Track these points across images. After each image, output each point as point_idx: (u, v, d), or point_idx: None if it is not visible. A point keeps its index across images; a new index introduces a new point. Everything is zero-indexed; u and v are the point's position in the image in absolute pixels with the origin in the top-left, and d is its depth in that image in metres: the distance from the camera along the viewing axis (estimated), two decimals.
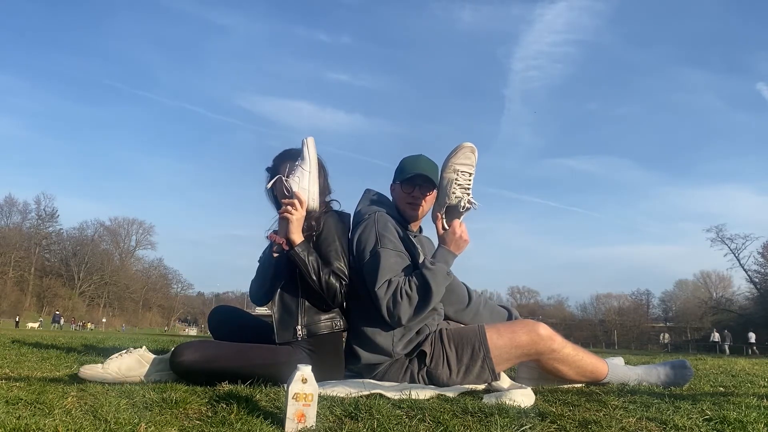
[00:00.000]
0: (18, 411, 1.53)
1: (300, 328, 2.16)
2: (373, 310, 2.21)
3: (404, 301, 2.13)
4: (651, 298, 68.14)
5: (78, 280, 67.11)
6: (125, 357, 2.13)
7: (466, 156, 2.30)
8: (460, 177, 2.28)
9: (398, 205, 2.47)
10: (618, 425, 1.54)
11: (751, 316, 47.47)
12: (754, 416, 1.63)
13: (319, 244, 2.26)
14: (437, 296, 2.17)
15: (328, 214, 2.33)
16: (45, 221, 67.62)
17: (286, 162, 2.30)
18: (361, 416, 1.56)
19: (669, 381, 2.32)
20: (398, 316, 2.13)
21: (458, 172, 2.28)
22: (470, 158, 2.30)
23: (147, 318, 74.07)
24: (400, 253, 2.25)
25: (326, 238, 2.26)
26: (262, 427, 1.46)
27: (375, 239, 2.24)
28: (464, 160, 2.30)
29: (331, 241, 2.26)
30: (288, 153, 2.37)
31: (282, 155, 2.38)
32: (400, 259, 2.24)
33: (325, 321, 2.20)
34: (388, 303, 2.14)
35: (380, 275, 2.16)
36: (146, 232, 77.60)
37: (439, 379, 2.16)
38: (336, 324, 2.22)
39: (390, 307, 2.14)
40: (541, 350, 2.16)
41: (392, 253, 2.23)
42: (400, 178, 2.47)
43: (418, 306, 2.14)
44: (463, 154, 2.30)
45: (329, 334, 2.20)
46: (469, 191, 2.29)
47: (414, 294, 2.14)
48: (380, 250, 2.21)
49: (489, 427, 1.50)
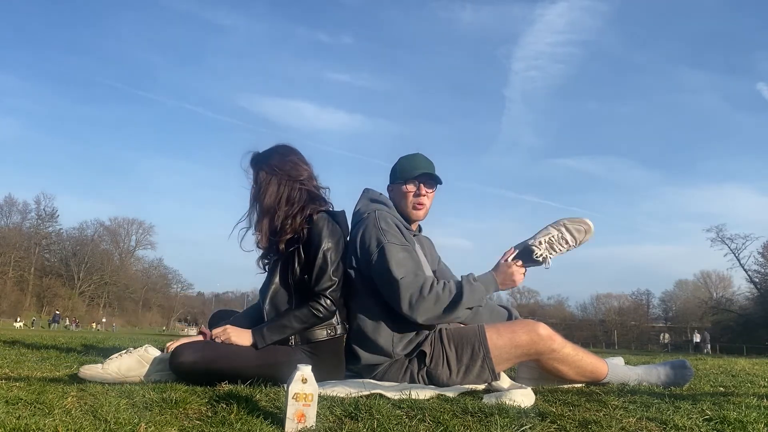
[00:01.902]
0: (18, 411, 1.53)
1: (292, 336, 2.14)
2: (375, 309, 2.21)
3: (430, 298, 2.11)
4: (651, 298, 68.17)
5: (78, 280, 67.05)
6: (125, 357, 2.13)
7: (579, 230, 2.29)
8: (560, 241, 2.28)
9: (399, 205, 2.45)
10: (618, 425, 1.54)
11: (751, 316, 47.47)
12: (754, 416, 1.63)
13: (305, 253, 2.20)
14: (461, 312, 2.14)
15: (318, 217, 2.23)
16: (45, 221, 67.56)
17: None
18: (361, 416, 1.56)
19: (669, 381, 2.32)
20: (418, 310, 2.11)
21: (562, 236, 2.28)
22: (581, 234, 2.29)
23: (147, 318, 73.98)
24: (406, 247, 2.25)
25: (311, 248, 2.19)
26: (262, 427, 1.46)
27: (379, 236, 2.23)
28: (575, 232, 2.29)
29: (315, 254, 2.17)
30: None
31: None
32: (407, 253, 2.23)
33: (320, 329, 2.17)
34: (412, 294, 2.12)
35: (393, 268, 2.14)
36: (146, 232, 77.49)
37: (439, 379, 2.16)
38: (331, 331, 2.18)
39: (413, 299, 2.11)
40: (540, 350, 2.16)
41: (399, 247, 2.22)
42: (404, 177, 2.45)
43: (441, 310, 2.13)
44: (579, 227, 2.29)
45: (342, 334, 2.20)
46: (553, 255, 2.29)
47: (444, 297, 2.13)
48: (386, 246, 2.19)
49: (489, 427, 1.50)
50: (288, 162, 2.31)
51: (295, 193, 2.27)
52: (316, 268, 2.17)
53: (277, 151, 2.35)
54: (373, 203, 2.41)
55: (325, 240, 2.19)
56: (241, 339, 2.08)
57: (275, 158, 2.32)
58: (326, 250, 2.19)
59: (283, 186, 2.27)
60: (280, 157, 2.32)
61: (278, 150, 2.36)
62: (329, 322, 2.19)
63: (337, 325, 2.21)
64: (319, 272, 2.16)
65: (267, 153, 2.35)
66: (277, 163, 2.30)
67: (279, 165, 2.30)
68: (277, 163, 2.30)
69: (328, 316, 2.16)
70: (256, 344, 2.08)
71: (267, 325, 2.13)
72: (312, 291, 2.16)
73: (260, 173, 2.30)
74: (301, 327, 2.12)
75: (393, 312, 2.20)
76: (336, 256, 2.21)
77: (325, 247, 2.19)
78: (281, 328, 2.11)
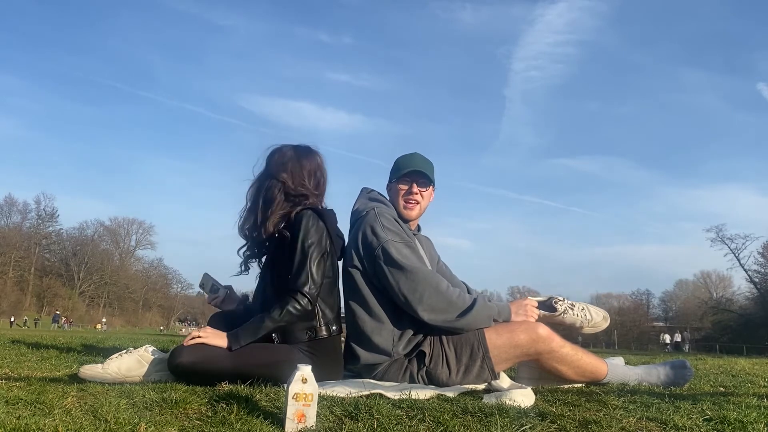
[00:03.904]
0: (18, 411, 1.52)
1: (275, 336, 2.13)
2: (376, 308, 2.20)
3: (443, 299, 2.13)
4: (651, 298, 68.27)
5: (78, 280, 67.09)
6: (125, 357, 2.13)
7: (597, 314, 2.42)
8: (581, 310, 2.40)
9: (395, 204, 2.45)
10: (618, 425, 1.54)
11: (751, 316, 47.44)
12: (754, 416, 1.62)
13: (286, 249, 2.17)
14: (466, 324, 2.14)
15: (302, 213, 2.18)
16: (45, 221, 67.66)
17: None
18: (361, 416, 1.56)
19: (669, 381, 2.32)
20: (427, 307, 2.12)
21: (584, 309, 2.41)
22: (598, 317, 2.41)
23: (147, 318, 74.01)
24: (409, 243, 2.25)
25: (291, 245, 2.15)
26: (262, 427, 1.46)
27: (381, 232, 2.22)
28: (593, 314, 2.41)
29: (293, 250, 2.14)
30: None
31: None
32: (410, 249, 2.23)
33: (299, 331, 2.14)
34: (424, 289, 2.12)
35: (402, 260, 2.15)
36: (146, 232, 77.58)
37: (438, 378, 2.16)
38: (311, 333, 2.14)
39: (424, 294, 2.12)
40: (540, 350, 2.16)
41: (401, 244, 2.22)
42: (397, 175, 2.45)
43: (448, 316, 2.13)
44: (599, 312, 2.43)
45: (328, 336, 2.19)
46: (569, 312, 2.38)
47: (455, 304, 2.14)
48: (390, 242, 2.20)
49: (489, 427, 1.50)
50: (274, 161, 2.32)
51: (276, 192, 2.25)
52: (294, 264, 2.12)
53: (279, 150, 2.36)
54: (371, 202, 2.41)
55: (306, 236, 2.15)
56: (217, 341, 2.05)
57: (271, 157, 2.35)
58: (308, 246, 2.14)
59: (267, 183, 2.27)
60: (273, 156, 2.34)
61: (281, 149, 2.36)
62: (309, 323, 2.14)
63: (321, 327, 2.16)
64: (298, 268, 2.11)
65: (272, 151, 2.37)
66: (269, 161, 2.33)
67: (269, 163, 2.32)
68: (269, 161, 2.34)
69: (304, 315, 2.10)
70: (230, 346, 2.04)
71: (242, 326, 2.09)
72: (288, 288, 2.11)
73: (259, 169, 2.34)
74: (274, 326, 2.07)
75: (395, 311, 2.20)
76: (318, 253, 2.15)
77: (307, 243, 2.14)
78: (255, 330, 2.06)
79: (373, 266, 2.22)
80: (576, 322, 2.37)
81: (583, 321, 2.38)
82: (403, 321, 2.20)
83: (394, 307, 2.21)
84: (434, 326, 2.17)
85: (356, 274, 2.26)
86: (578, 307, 2.40)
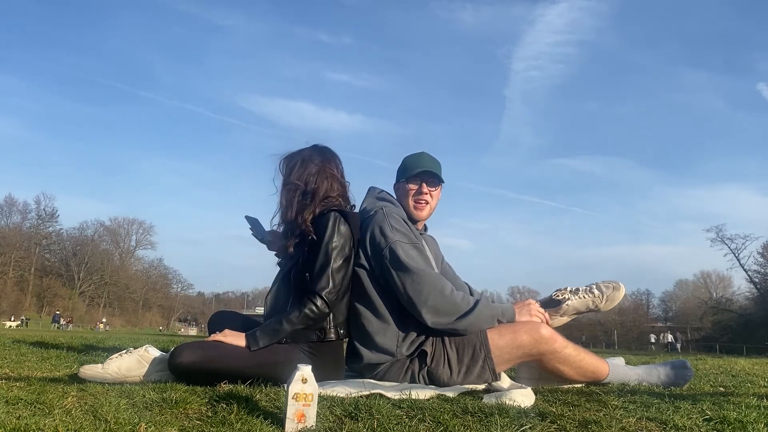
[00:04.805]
0: (18, 411, 1.52)
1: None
2: (382, 309, 2.20)
3: (447, 303, 2.12)
4: (651, 298, 68.30)
5: (78, 280, 67.03)
6: (125, 357, 2.13)
7: (608, 287, 2.37)
8: (586, 291, 2.36)
9: (403, 204, 2.45)
10: (618, 425, 1.54)
11: (751, 316, 47.42)
12: (754, 416, 1.62)
13: (310, 250, 2.18)
14: (468, 325, 2.14)
15: (328, 215, 2.20)
16: (45, 221, 67.56)
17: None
18: (361, 416, 1.56)
19: (669, 381, 2.32)
20: (431, 310, 2.11)
21: (590, 289, 2.36)
22: (608, 290, 2.37)
23: (147, 318, 73.99)
24: (416, 245, 2.24)
25: (315, 247, 2.16)
26: (262, 427, 1.46)
27: (389, 233, 2.22)
28: (603, 288, 2.37)
29: (317, 252, 2.15)
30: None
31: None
32: (418, 251, 2.23)
33: (310, 331, 2.14)
34: (429, 292, 2.12)
35: (409, 262, 2.15)
36: (146, 232, 77.53)
37: (439, 379, 2.15)
38: (321, 334, 2.14)
39: (428, 297, 2.12)
40: (542, 351, 2.16)
41: (409, 245, 2.22)
42: (406, 175, 2.44)
43: (451, 319, 2.13)
44: (609, 284, 2.38)
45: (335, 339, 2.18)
46: (573, 299, 2.36)
47: (459, 307, 2.13)
48: (398, 242, 2.19)
49: (489, 427, 1.50)
50: (293, 165, 2.32)
51: (298, 194, 2.26)
52: (316, 266, 2.14)
53: (300, 152, 2.36)
54: (380, 201, 2.40)
55: (330, 239, 2.15)
56: (237, 342, 2.08)
57: (291, 159, 2.35)
58: (331, 249, 2.15)
59: (289, 186, 2.28)
60: (293, 159, 2.35)
61: (301, 151, 2.37)
62: (320, 325, 2.15)
63: (330, 329, 2.16)
64: (319, 270, 2.13)
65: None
66: (290, 165, 2.33)
67: (290, 166, 2.33)
68: (287, 162, 2.34)
69: (321, 317, 2.12)
70: (249, 347, 2.07)
71: (261, 327, 2.11)
72: (307, 290, 2.13)
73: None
74: (292, 329, 2.09)
75: (400, 312, 2.20)
76: (341, 257, 2.16)
77: (331, 246, 2.15)
78: (273, 332, 2.08)
79: (380, 266, 2.21)
80: (587, 304, 2.34)
81: (595, 300, 2.34)
82: (409, 322, 2.19)
83: (400, 308, 2.20)
84: (437, 329, 2.16)
85: (363, 274, 2.26)
86: (582, 290, 2.36)
